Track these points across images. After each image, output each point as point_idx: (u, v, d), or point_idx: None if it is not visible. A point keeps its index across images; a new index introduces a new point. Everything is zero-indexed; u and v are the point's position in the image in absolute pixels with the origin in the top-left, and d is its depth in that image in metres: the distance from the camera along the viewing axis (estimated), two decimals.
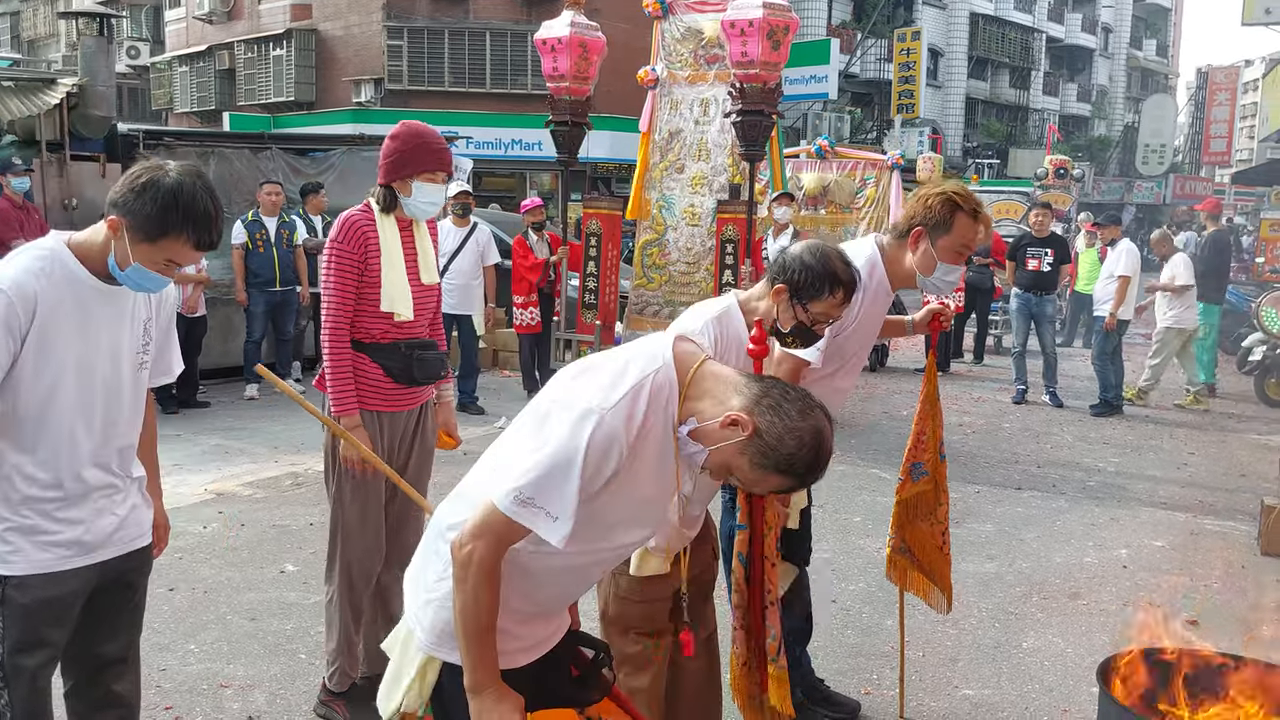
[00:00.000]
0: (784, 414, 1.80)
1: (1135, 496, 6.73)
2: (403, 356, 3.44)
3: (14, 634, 2.33)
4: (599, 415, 1.79)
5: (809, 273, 2.70)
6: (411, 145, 3.39)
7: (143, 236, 2.24)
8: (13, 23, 38.94)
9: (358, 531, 3.48)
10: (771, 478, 1.83)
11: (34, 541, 2.33)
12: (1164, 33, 53.76)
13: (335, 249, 3.37)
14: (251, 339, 9.06)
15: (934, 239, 3.12)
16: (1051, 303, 9.94)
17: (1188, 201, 34.55)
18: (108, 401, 2.40)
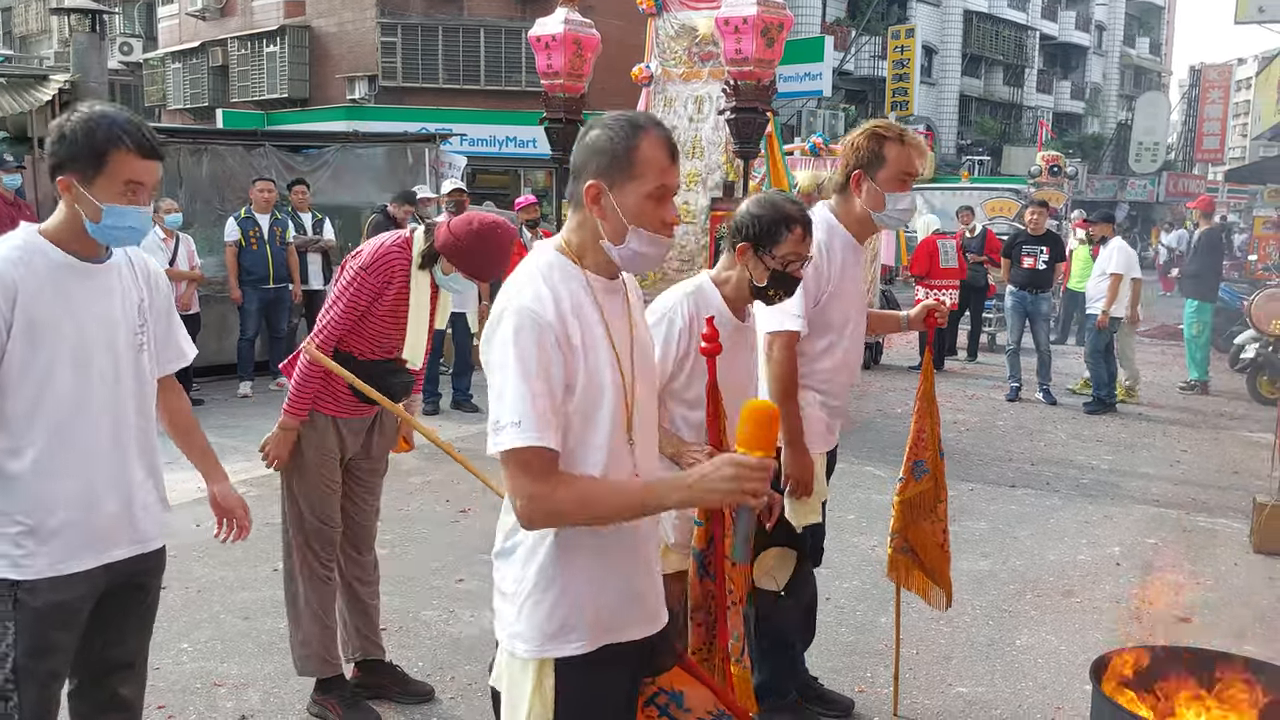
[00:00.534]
0: (586, 155, 1.94)
1: (1128, 494, 6.74)
2: (375, 379, 3.45)
3: (26, 639, 2.29)
4: (506, 310, 1.86)
5: (761, 221, 2.78)
6: (487, 258, 3.38)
7: (91, 170, 2.23)
8: (4, 18, 38.79)
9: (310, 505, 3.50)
10: (638, 150, 1.89)
11: (45, 543, 2.28)
12: (1157, 30, 53.87)
13: (360, 275, 3.35)
14: (245, 336, 9.05)
15: (873, 175, 3.19)
16: (1047, 300, 9.97)
17: (1181, 199, 34.65)
18: (109, 391, 2.35)
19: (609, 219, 1.92)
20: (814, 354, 3.26)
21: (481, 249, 3.35)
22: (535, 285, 1.88)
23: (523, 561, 1.93)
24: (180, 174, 9.84)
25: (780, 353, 3.17)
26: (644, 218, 1.92)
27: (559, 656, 1.91)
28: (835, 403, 3.37)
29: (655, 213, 1.93)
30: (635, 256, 1.94)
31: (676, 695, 2.07)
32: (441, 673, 3.94)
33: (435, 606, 4.56)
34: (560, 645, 1.91)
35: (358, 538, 3.70)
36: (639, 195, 1.90)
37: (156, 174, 2.33)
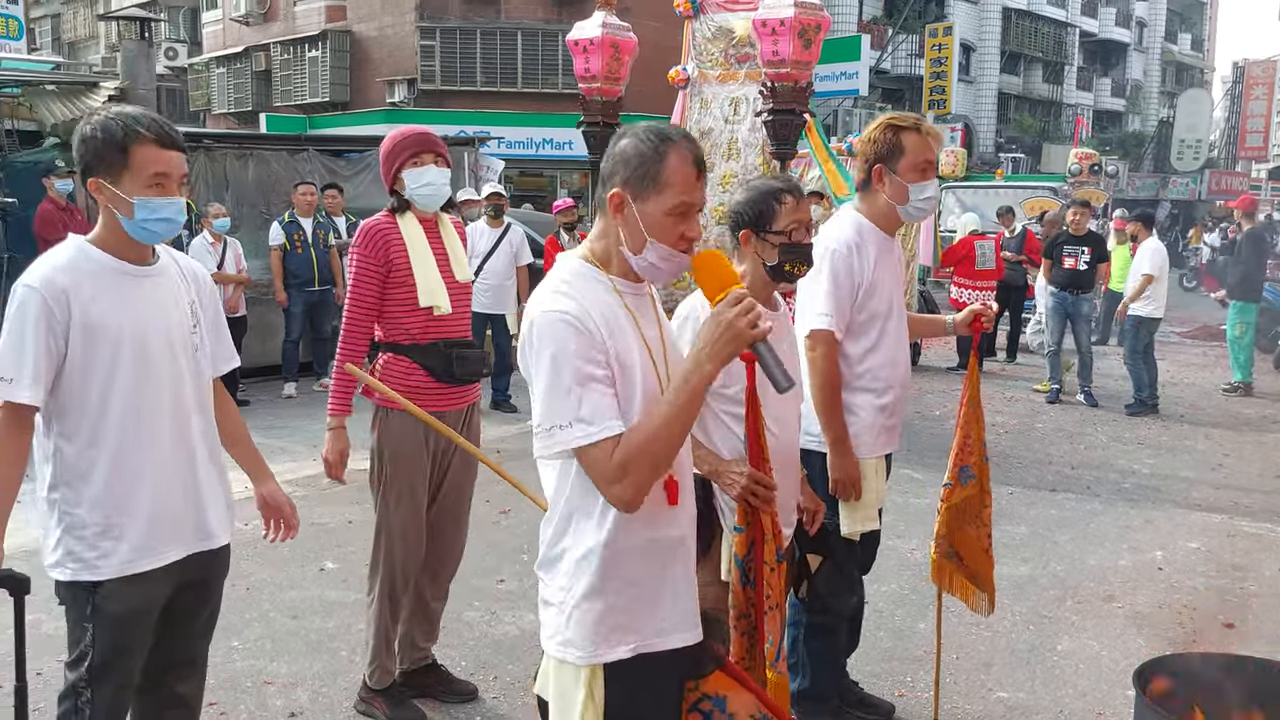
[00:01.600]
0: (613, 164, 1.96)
1: (1170, 498, 6.68)
2: (443, 355, 3.49)
3: (103, 641, 2.36)
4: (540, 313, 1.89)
5: (751, 203, 2.85)
6: (390, 144, 3.54)
7: (117, 167, 2.29)
8: (54, 25, 39.56)
9: (401, 536, 3.54)
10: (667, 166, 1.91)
11: (119, 542, 2.34)
12: (1199, 26, 53.03)
13: (356, 255, 3.46)
14: (290, 338, 9.20)
15: (893, 167, 3.18)
16: (1088, 301, 9.89)
17: (1223, 197, 34.07)
18: (170, 391, 2.40)
19: (629, 228, 1.95)
20: (860, 354, 3.25)
21: (391, 141, 3.53)
22: (562, 292, 1.91)
23: (570, 570, 1.95)
24: (226, 178, 10.01)
25: (820, 350, 3.18)
26: (663, 232, 1.93)
27: (609, 661, 1.94)
28: (892, 401, 3.32)
29: (675, 228, 1.94)
30: (651, 269, 1.97)
31: (720, 700, 2.09)
32: (484, 672, 4.01)
33: (478, 607, 4.63)
34: (611, 650, 1.94)
35: (442, 559, 3.71)
36: (661, 209, 1.92)
37: (181, 165, 2.38)
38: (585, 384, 1.83)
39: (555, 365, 1.84)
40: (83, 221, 8.39)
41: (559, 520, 1.98)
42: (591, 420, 1.81)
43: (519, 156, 21.44)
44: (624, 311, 1.95)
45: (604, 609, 1.93)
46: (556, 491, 1.98)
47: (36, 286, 2.26)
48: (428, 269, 3.46)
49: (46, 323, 2.25)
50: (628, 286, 2.00)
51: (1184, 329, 16.11)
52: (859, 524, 3.27)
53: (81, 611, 2.36)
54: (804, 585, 3.24)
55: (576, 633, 1.95)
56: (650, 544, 1.97)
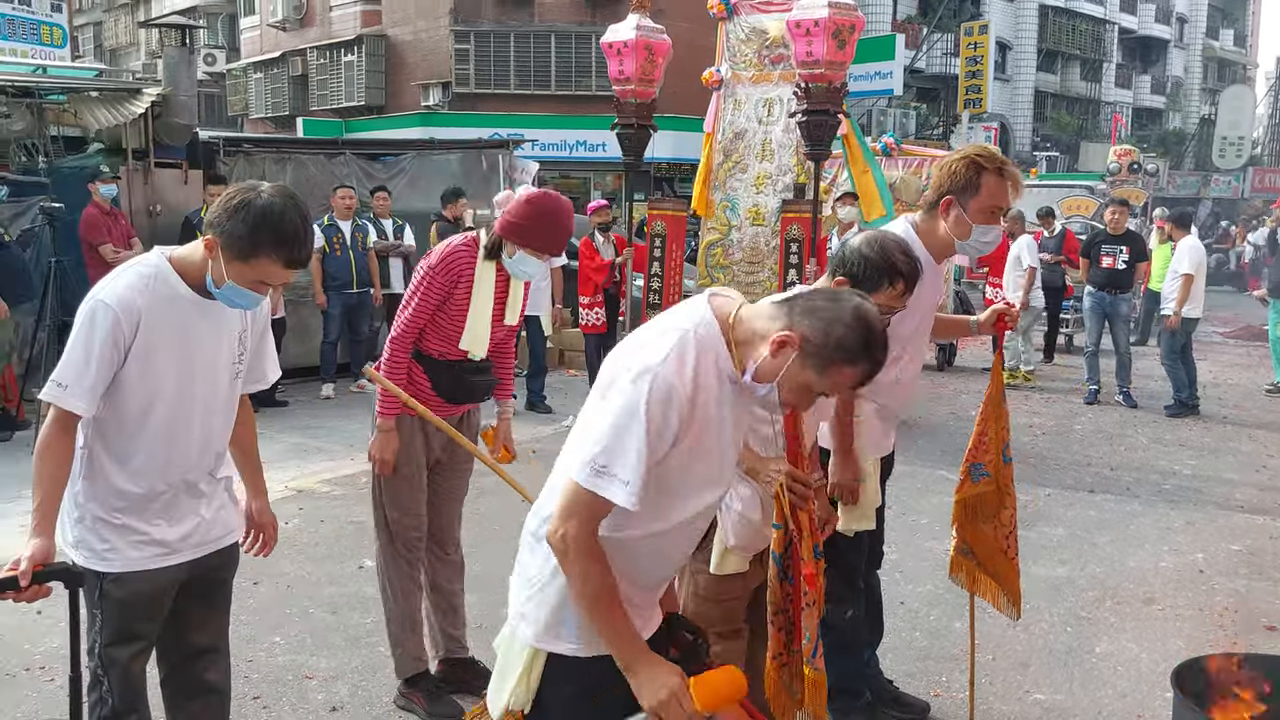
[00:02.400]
0: (818, 310, 1.91)
1: (1212, 499, 6.60)
2: (452, 376, 3.56)
3: (110, 627, 2.46)
4: (652, 373, 1.86)
5: (868, 265, 2.74)
6: (542, 225, 3.41)
7: (236, 256, 2.32)
8: (96, 32, 40.25)
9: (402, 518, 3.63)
10: (840, 371, 1.91)
11: (129, 541, 2.45)
12: (1242, 22, 52.18)
13: (429, 275, 3.46)
14: (328, 340, 9.31)
15: (964, 203, 3.10)
16: (1126, 301, 9.78)
17: (1267, 195, 33.51)
18: (204, 414, 2.51)
19: (787, 377, 1.94)
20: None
21: (537, 217, 3.40)
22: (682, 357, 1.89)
23: (547, 554, 2.00)
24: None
25: None
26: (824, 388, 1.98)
27: (552, 651, 2.01)
28: (891, 411, 3.38)
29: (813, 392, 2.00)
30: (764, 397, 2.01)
31: None
32: None
33: None
34: (556, 643, 2.01)
35: (443, 538, 3.81)
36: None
37: (285, 279, 2.41)
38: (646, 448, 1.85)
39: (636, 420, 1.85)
40: (127, 226, 8.55)
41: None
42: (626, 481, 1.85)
43: (553, 159, 21.52)
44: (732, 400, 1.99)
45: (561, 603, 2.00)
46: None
47: (112, 305, 2.33)
48: (480, 318, 3.52)
49: (114, 341, 2.33)
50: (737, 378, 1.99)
51: (1226, 329, 15.88)
52: (854, 522, 3.31)
53: (91, 596, 2.46)
54: None
55: (533, 612, 2.04)
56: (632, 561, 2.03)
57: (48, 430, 2.36)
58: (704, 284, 9.43)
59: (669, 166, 23.06)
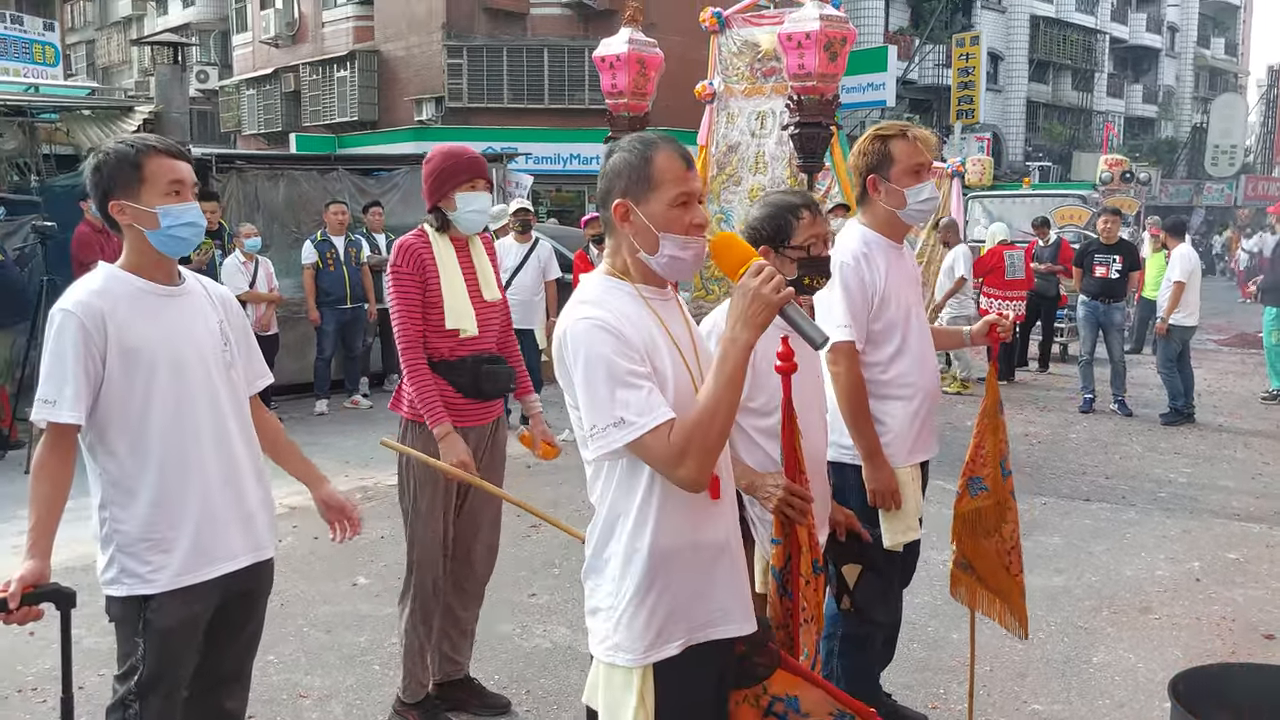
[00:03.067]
0: (604, 179, 2.07)
1: (1208, 508, 6.59)
2: (470, 371, 3.53)
3: (152, 657, 2.41)
4: (570, 325, 1.95)
5: (767, 219, 2.86)
6: (445, 163, 3.52)
7: (134, 183, 2.38)
8: (88, 51, 40.33)
9: (433, 544, 3.58)
10: (656, 167, 2.00)
11: (170, 556, 2.40)
12: (1233, 31, 52.45)
13: (394, 272, 3.50)
14: (322, 356, 9.30)
15: (886, 175, 3.21)
16: (1120, 310, 9.80)
17: (1260, 203, 33.65)
18: (208, 406, 2.46)
19: (639, 233, 2.03)
20: (885, 361, 3.24)
21: (437, 160, 3.52)
22: (590, 302, 1.98)
23: (618, 575, 1.99)
24: (258, 198, 10.14)
25: (841, 364, 3.17)
26: (672, 224, 2.02)
27: (658, 660, 1.98)
28: (921, 406, 3.32)
29: (681, 219, 2.02)
30: (672, 262, 2.04)
31: (792, 700, 2.10)
32: (517, 686, 4.02)
33: (510, 621, 4.65)
34: (660, 649, 1.98)
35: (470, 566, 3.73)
36: (663, 204, 2.01)
37: (192, 175, 2.47)
38: (625, 381, 1.88)
39: (593, 368, 1.90)
40: (118, 244, 8.51)
41: (603, 525, 2.02)
42: (640, 413, 1.87)
43: (547, 172, 21.56)
44: (651, 315, 2.03)
45: (651, 610, 1.97)
46: (600, 497, 2.03)
47: (73, 310, 2.33)
48: (456, 292, 3.51)
49: (85, 345, 2.32)
50: (653, 293, 2.07)
51: (1221, 336, 15.91)
52: (900, 534, 3.25)
53: (134, 626, 2.41)
54: (844, 598, 3.23)
55: (625, 636, 1.99)
56: (694, 547, 2.01)
57: (42, 450, 2.35)
58: (699, 296, 9.43)
59: None
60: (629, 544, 1.98)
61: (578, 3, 24.06)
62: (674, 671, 1.98)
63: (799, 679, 2.13)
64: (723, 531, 2.08)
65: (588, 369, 1.90)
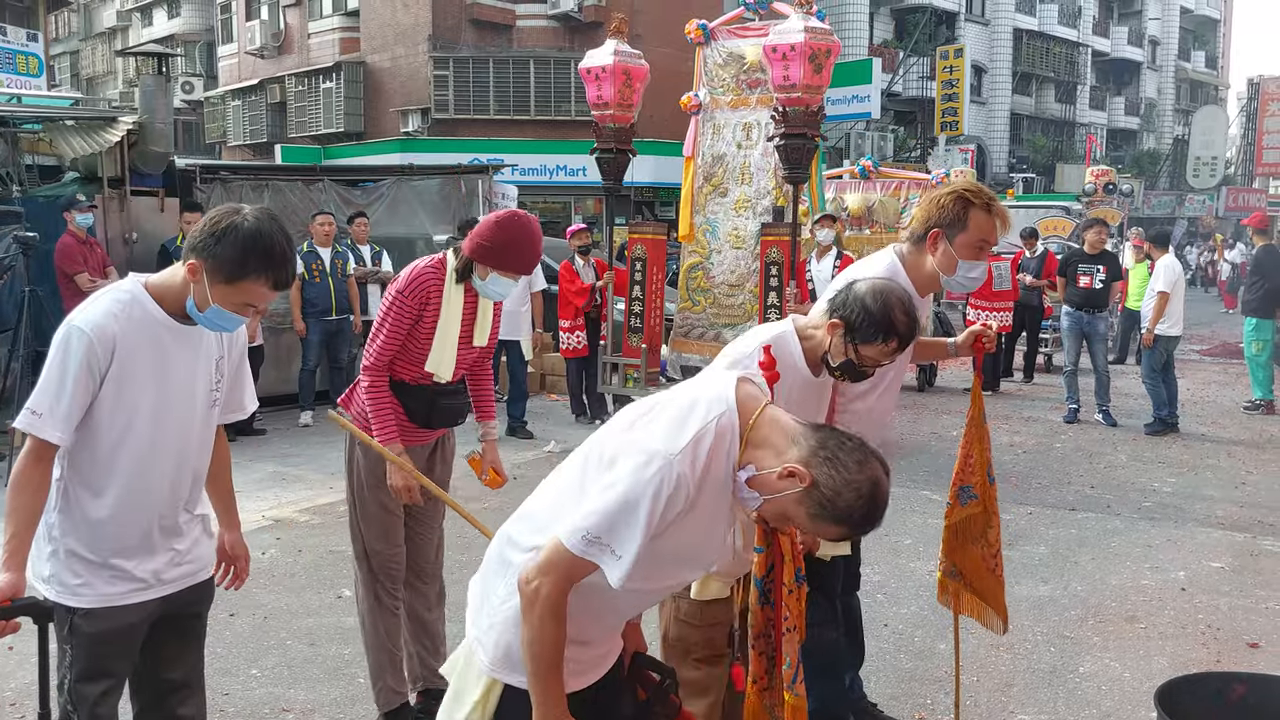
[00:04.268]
0: (841, 466, 1.83)
1: (1192, 517, 6.62)
2: (426, 401, 3.53)
3: (80, 663, 2.41)
4: (665, 459, 1.83)
5: (869, 317, 2.63)
6: (513, 247, 3.38)
7: (222, 279, 2.29)
8: (72, 61, 40.17)
9: (379, 538, 3.61)
10: (829, 528, 1.89)
11: (103, 576, 2.41)
12: (1213, 44, 52.98)
13: (397, 298, 3.43)
14: (307, 367, 9.25)
15: (951, 238, 3.09)
16: (1104, 320, 9.85)
17: (1241, 214, 33.97)
18: (179, 444, 2.47)
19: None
20: (851, 395, 3.21)
21: (504, 237, 3.35)
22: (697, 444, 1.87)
23: (512, 588, 1.98)
24: None
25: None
26: None
27: (509, 683, 2.00)
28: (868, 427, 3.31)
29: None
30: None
31: None
32: None
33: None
34: (513, 675, 1.99)
35: (420, 568, 3.76)
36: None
37: (266, 304, 2.40)
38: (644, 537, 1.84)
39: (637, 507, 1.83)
40: (103, 254, 8.48)
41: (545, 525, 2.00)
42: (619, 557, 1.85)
43: (533, 184, 21.57)
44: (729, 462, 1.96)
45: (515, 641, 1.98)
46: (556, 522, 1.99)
47: (87, 331, 2.29)
48: (447, 341, 3.48)
49: (88, 367, 2.29)
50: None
51: (1203, 346, 16.02)
52: (832, 549, 3.25)
53: (61, 631, 2.41)
54: None
55: (493, 642, 2.02)
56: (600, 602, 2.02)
57: (23, 460, 2.32)
58: (684, 307, 9.44)
59: (649, 191, 23.12)
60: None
61: (564, 15, 24.13)
62: (524, 703, 1.97)
63: None
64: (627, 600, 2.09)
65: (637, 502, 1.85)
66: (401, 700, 3.66)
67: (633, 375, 9.10)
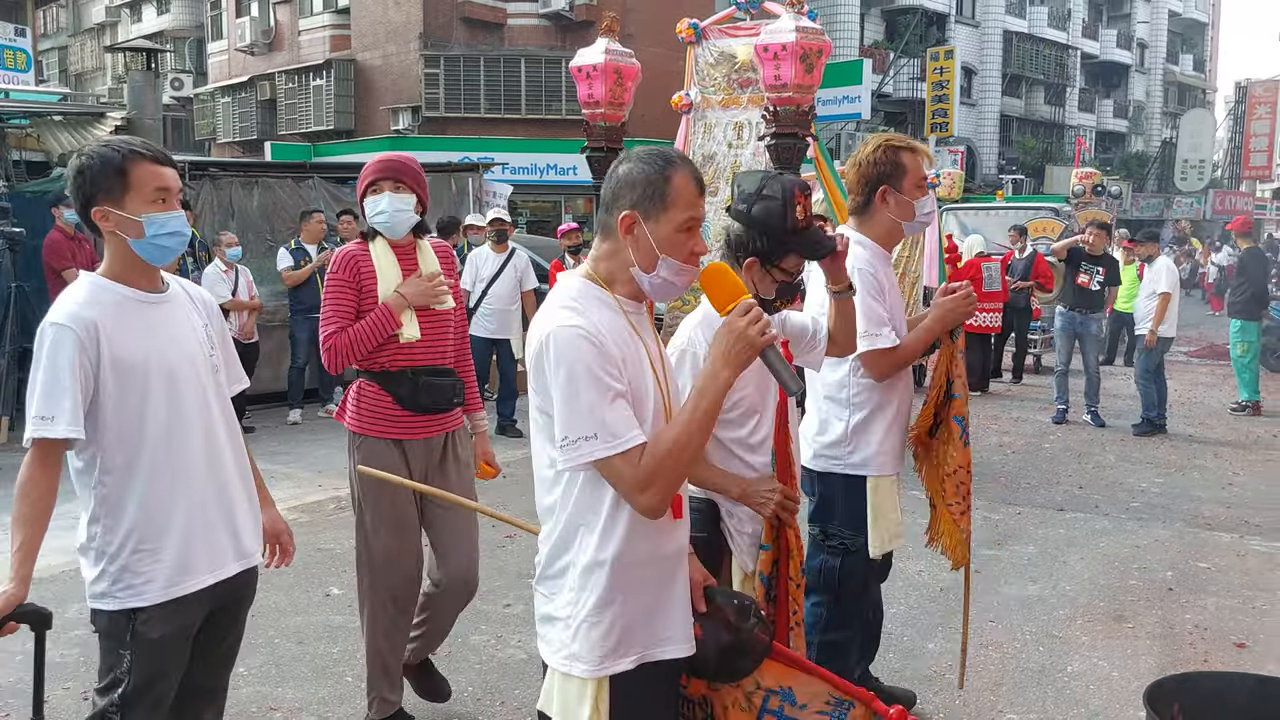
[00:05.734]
0: (613, 188, 2.00)
1: (1180, 517, 6.64)
2: (409, 383, 3.46)
3: (140, 669, 2.36)
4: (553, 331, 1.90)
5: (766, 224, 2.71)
6: (361, 175, 3.57)
7: (119, 190, 2.32)
8: (61, 57, 39.94)
9: (384, 559, 3.49)
10: (672, 186, 1.96)
11: (160, 566, 2.36)
12: (1201, 47, 53.22)
13: (330, 278, 3.49)
14: (296, 365, 9.22)
15: (898, 186, 3.24)
16: (1097, 321, 9.89)
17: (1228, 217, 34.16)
18: (199, 413, 2.42)
19: (641, 248, 1.99)
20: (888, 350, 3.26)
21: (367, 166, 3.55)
22: (573, 309, 1.94)
23: (577, 584, 1.97)
24: (232, 206, 10.06)
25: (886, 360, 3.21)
26: (674, 248, 1.99)
27: (614, 673, 1.96)
28: (900, 416, 3.38)
29: (685, 244, 2.01)
30: (664, 285, 2.02)
31: (787, 692, 2.08)
32: (491, 697, 3.99)
33: (484, 631, 4.61)
34: (616, 662, 1.97)
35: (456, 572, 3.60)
36: (671, 227, 1.98)
37: (177, 181, 2.43)
38: (606, 396, 1.87)
39: (575, 378, 1.87)
40: (91, 250, 8.44)
41: (561, 533, 2.00)
42: (616, 432, 1.86)
43: (523, 182, 21.53)
44: (629, 329, 2.00)
45: (611, 622, 1.96)
46: (559, 506, 2.00)
47: (68, 324, 2.27)
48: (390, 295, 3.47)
49: (80, 359, 2.27)
50: (631, 305, 2.04)
51: (1191, 348, 16.09)
52: (886, 542, 3.31)
53: (120, 638, 2.36)
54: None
55: (583, 646, 1.97)
56: (655, 557, 2.00)
57: (28, 467, 2.28)
58: (675, 306, 9.44)
59: None
60: (593, 555, 1.96)
61: (555, 14, 24.09)
62: (629, 685, 1.97)
63: (792, 669, 2.10)
64: (679, 542, 2.08)
65: (570, 379, 1.87)
66: (394, 708, 3.59)
67: None
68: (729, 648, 2.10)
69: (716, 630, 2.09)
